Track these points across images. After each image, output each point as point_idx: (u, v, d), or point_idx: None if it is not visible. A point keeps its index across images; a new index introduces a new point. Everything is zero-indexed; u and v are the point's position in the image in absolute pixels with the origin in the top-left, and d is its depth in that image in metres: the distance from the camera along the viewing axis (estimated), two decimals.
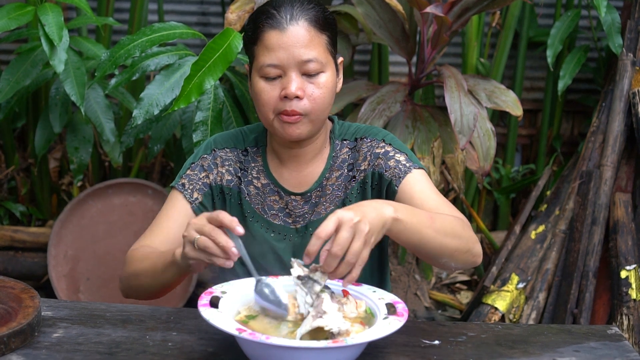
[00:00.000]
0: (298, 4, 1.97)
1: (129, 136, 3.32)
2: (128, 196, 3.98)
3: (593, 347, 1.81)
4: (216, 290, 1.75)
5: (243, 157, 2.15)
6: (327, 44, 1.98)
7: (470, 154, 3.43)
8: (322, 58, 1.96)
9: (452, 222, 1.87)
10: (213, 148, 2.15)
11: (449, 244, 1.84)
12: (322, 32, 1.97)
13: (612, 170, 3.67)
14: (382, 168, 2.06)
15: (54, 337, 1.72)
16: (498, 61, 4.35)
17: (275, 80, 1.96)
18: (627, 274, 3.45)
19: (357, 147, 2.12)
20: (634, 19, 3.84)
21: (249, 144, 2.16)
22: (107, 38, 4.15)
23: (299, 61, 1.93)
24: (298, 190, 2.11)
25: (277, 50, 1.93)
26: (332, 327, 1.59)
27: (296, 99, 1.94)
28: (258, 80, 1.98)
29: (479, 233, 4.33)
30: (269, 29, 1.94)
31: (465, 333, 1.85)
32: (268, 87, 1.97)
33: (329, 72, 1.99)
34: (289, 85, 1.93)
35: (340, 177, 2.11)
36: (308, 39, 1.94)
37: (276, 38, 1.94)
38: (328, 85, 1.98)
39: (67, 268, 3.96)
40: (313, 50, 1.94)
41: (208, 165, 2.13)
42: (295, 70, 1.94)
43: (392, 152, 2.07)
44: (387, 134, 2.13)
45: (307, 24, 1.95)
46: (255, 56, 1.99)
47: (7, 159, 4.33)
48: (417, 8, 3.27)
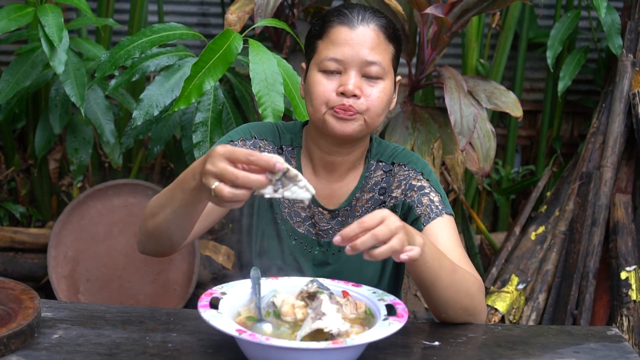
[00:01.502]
0: (370, 10, 1.96)
1: (128, 137, 3.32)
2: (128, 197, 3.98)
3: (593, 348, 1.81)
4: (216, 292, 1.75)
5: (279, 154, 2.06)
6: (392, 55, 1.96)
7: (470, 155, 3.43)
8: (385, 64, 1.93)
9: (470, 281, 1.88)
10: (254, 135, 2.06)
11: (459, 299, 1.86)
12: (389, 42, 1.94)
13: (612, 171, 3.67)
14: (414, 202, 2.02)
15: (53, 338, 1.72)
16: (498, 62, 4.35)
17: (334, 75, 1.92)
18: (627, 275, 3.45)
19: (392, 171, 2.07)
20: (634, 19, 3.84)
21: (285, 142, 2.09)
22: (107, 39, 4.15)
23: (362, 61, 1.90)
24: (327, 205, 2.06)
25: (343, 45, 1.90)
26: (332, 328, 1.59)
27: (353, 97, 1.90)
28: (315, 74, 1.94)
29: (479, 234, 4.33)
30: (339, 24, 1.92)
31: (465, 334, 1.85)
32: (325, 81, 1.92)
33: (389, 81, 1.95)
34: (348, 82, 1.89)
35: (370, 200, 2.06)
36: (376, 42, 1.91)
37: (345, 34, 1.91)
38: (386, 92, 1.94)
39: (67, 269, 3.96)
40: (378, 55, 1.91)
41: (249, 148, 2.02)
42: (356, 69, 1.91)
43: (428, 189, 2.03)
44: (426, 165, 2.08)
45: (377, 28, 1.92)
46: (317, 50, 1.95)
47: (7, 160, 4.32)
48: (417, 9, 3.27)
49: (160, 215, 1.83)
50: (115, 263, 3.94)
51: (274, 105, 2.74)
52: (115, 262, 3.94)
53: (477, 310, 1.91)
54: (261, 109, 2.73)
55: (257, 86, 2.75)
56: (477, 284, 1.90)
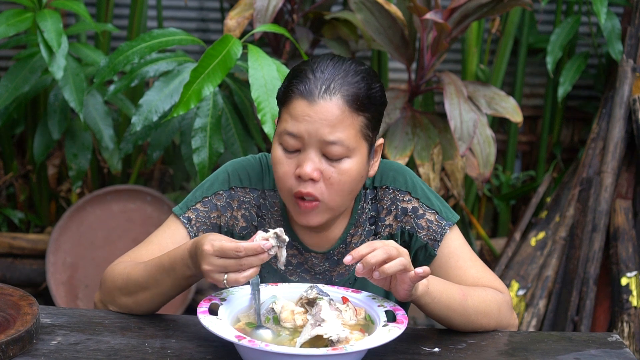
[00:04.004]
0: (342, 74, 1.76)
1: (127, 143, 3.32)
2: (127, 203, 3.98)
3: (594, 354, 1.80)
4: (215, 298, 1.74)
5: (262, 200, 1.93)
6: (362, 126, 1.77)
7: (470, 160, 3.43)
8: (349, 142, 1.75)
9: (486, 301, 1.85)
10: (232, 186, 1.92)
11: (477, 321, 1.85)
12: (358, 113, 1.75)
13: (612, 177, 3.66)
14: (413, 228, 1.91)
15: (52, 344, 1.71)
16: (498, 68, 4.35)
17: (294, 154, 1.77)
18: (628, 281, 3.44)
19: (377, 196, 1.94)
20: (634, 25, 3.84)
21: (267, 185, 1.94)
22: (106, 44, 4.15)
23: (321, 140, 1.73)
24: (319, 249, 1.93)
25: (300, 122, 1.74)
26: (331, 334, 1.59)
27: (311, 181, 1.75)
28: (277, 147, 1.79)
29: (479, 240, 4.32)
30: (299, 96, 1.75)
31: (466, 340, 1.85)
32: (285, 160, 1.78)
33: (356, 158, 1.77)
34: (305, 164, 1.74)
35: (363, 233, 1.94)
36: (338, 118, 1.73)
37: (302, 108, 1.74)
38: (351, 173, 1.77)
39: (66, 275, 3.95)
40: (341, 133, 1.73)
41: (223, 205, 1.92)
42: (315, 149, 1.74)
43: (421, 209, 1.91)
44: (407, 179, 1.94)
45: (341, 102, 1.73)
46: (280, 118, 1.81)
47: (5, 165, 4.32)
48: (417, 14, 3.27)
49: (140, 294, 1.83)
50: None
51: (273, 110, 2.73)
52: None
53: (501, 325, 1.90)
54: (260, 115, 2.73)
55: (256, 92, 2.75)
56: (496, 301, 1.87)
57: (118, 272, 1.86)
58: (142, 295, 1.83)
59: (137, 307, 1.86)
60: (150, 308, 1.87)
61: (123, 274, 1.85)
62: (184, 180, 3.87)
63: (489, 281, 1.91)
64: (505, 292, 1.92)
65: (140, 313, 1.88)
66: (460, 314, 1.81)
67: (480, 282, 1.90)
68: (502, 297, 1.89)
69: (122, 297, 1.86)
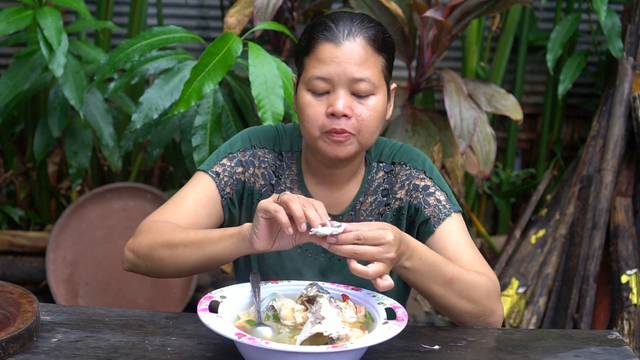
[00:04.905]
0: (358, 20, 1.88)
1: (128, 140, 3.32)
2: (127, 200, 3.98)
3: (594, 352, 1.80)
4: (215, 295, 1.74)
5: (279, 161, 2.04)
6: (382, 66, 1.89)
7: (470, 158, 3.43)
8: (375, 80, 1.86)
9: (475, 287, 1.87)
10: (254, 144, 2.04)
11: (460, 305, 1.86)
12: (379, 54, 1.88)
13: (612, 174, 3.67)
14: (420, 203, 2.00)
15: (52, 342, 1.71)
16: (498, 65, 4.35)
17: (323, 96, 1.87)
18: (628, 278, 3.44)
19: (393, 171, 2.04)
20: (634, 22, 3.84)
21: (284, 147, 2.05)
22: (106, 42, 4.15)
23: (350, 79, 1.84)
24: (330, 211, 1.99)
25: (329, 64, 1.84)
26: (331, 332, 1.59)
27: (344, 117, 1.85)
28: (304, 94, 1.89)
29: (479, 237, 4.32)
30: (324, 41, 1.85)
31: (465, 338, 1.85)
32: (315, 102, 1.87)
33: (380, 95, 1.89)
34: (336, 102, 1.84)
35: (374, 202, 2.03)
36: (364, 57, 1.85)
37: (330, 51, 1.85)
38: (378, 108, 1.88)
39: (66, 273, 3.95)
40: (367, 70, 1.85)
41: (246, 161, 2.03)
42: (344, 88, 1.85)
43: (433, 187, 2.01)
44: (426, 160, 2.05)
45: (364, 42, 1.85)
46: (305, 67, 1.90)
47: (5, 163, 4.32)
48: (417, 12, 3.27)
49: (181, 249, 1.86)
50: (114, 266, 3.93)
51: (273, 108, 2.73)
52: (115, 266, 3.93)
53: (486, 313, 1.91)
54: (261, 112, 2.73)
55: (256, 89, 2.75)
56: (485, 288, 1.89)
57: (169, 228, 1.92)
58: (186, 251, 1.86)
59: (172, 261, 1.88)
60: (182, 268, 1.89)
61: (171, 228, 1.91)
62: (184, 177, 3.86)
63: (481, 269, 1.93)
64: (497, 283, 1.94)
65: (169, 273, 1.91)
66: (440, 295, 1.83)
67: (472, 268, 1.92)
68: (492, 286, 1.91)
69: (161, 249, 1.89)
